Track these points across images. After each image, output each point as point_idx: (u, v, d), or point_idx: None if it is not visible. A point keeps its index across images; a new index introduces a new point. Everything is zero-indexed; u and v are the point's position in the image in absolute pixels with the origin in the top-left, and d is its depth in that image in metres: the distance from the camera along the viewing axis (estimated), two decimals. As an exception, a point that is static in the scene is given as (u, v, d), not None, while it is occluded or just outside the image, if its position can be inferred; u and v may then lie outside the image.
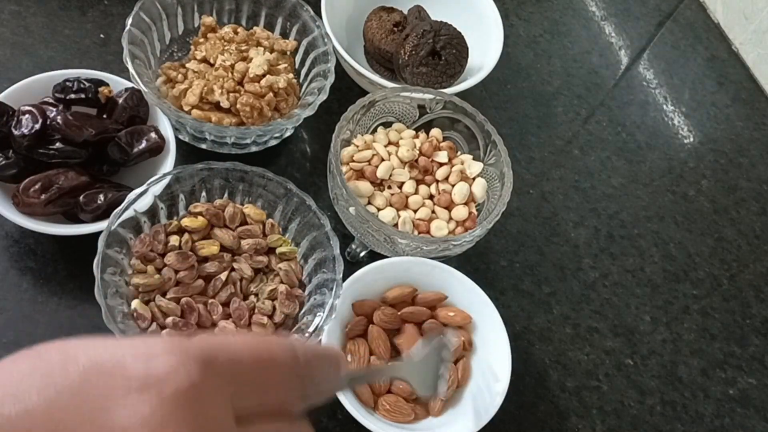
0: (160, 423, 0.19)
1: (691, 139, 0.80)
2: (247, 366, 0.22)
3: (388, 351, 0.52)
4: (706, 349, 0.64)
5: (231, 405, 0.21)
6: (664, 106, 0.82)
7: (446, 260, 0.55)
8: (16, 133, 0.51)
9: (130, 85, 0.57)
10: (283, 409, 0.24)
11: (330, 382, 0.27)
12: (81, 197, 0.51)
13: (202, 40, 0.62)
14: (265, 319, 0.50)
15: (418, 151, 0.60)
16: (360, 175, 0.59)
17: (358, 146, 0.60)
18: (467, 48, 0.68)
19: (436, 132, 0.63)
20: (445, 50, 0.66)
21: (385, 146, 0.60)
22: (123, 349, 0.21)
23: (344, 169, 0.58)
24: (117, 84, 0.57)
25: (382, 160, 0.59)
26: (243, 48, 0.61)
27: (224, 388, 0.21)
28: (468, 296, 0.54)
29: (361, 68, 0.64)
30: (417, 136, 0.62)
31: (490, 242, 0.64)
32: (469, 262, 0.62)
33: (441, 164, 0.60)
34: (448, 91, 0.64)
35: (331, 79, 0.59)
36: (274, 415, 0.24)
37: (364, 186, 0.58)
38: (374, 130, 0.62)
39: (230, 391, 0.21)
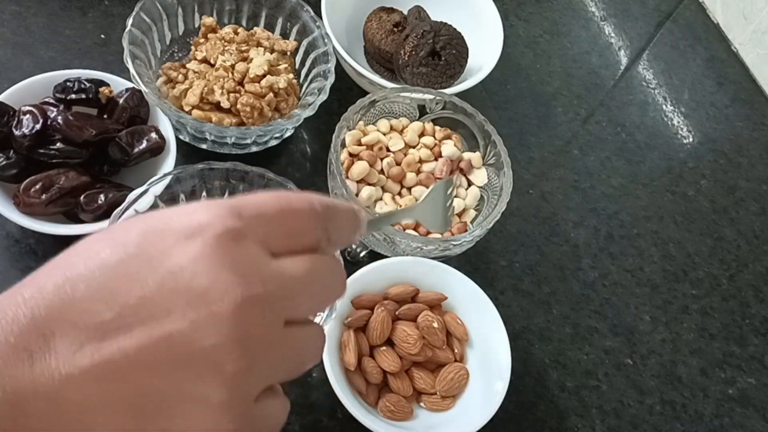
0: (207, 260, 0.24)
1: (691, 139, 0.80)
2: (271, 214, 0.26)
3: (384, 338, 0.52)
4: (705, 349, 0.64)
5: (263, 245, 0.25)
6: (664, 107, 0.83)
7: (446, 260, 0.55)
8: (17, 133, 0.51)
9: (130, 85, 0.57)
10: (311, 248, 0.27)
11: (348, 228, 0.30)
12: (82, 197, 0.51)
13: (202, 40, 0.62)
14: (266, 319, 0.50)
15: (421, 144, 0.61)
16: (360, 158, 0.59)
17: (364, 132, 0.60)
18: (467, 48, 0.68)
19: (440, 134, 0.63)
20: (444, 50, 0.66)
21: (386, 133, 0.61)
22: (169, 212, 0.26)
23: (343, 155, 0.58)
24: (117, 84, 0.57)
25: (388, 149, 0.60)
26: (243, 48, 0.61)
27: (255, 231, 0.25)
28: (468, 296, 0.55)
29: (361, 68, 0.64)
30: (423, 130, 0.62)
31: (490, 242, 0.64)
32: (469, 262, 0.62)
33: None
34: (448, 91, 0.64)
35: (331, 79, 0.60)
36: (304, 252, 0.27)
37: (364, 187, 0.58)
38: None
39: (261, 233, 0.25)
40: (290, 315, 0.26)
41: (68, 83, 0.55)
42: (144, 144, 0.55)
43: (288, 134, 0.64)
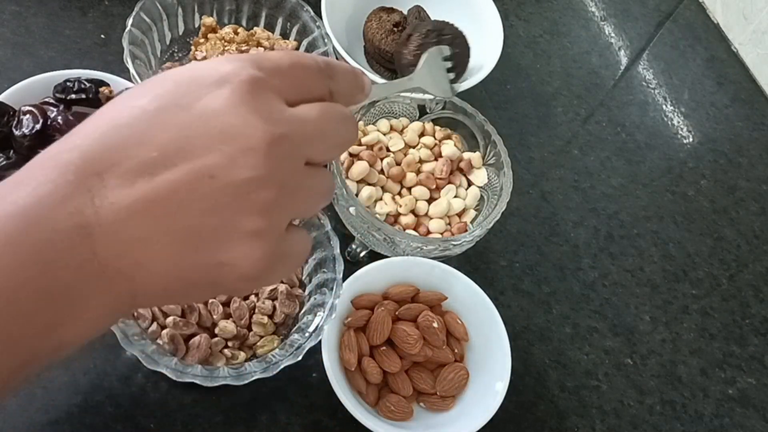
0: (236, 103, 0.27)
1: (691, 139, 0.80)
2: (285, 67, 0.29)
3: (384, 338, 0.52)
4: (705, 349, 0.64)
5: (280, 94, 0.28)
6: (664, 107, 0.83)
7: (446, 260, 0.55)
8: (17, 133, 0.51)
9: (130, 85, 0.57)
10: (320, 99, 0.31)
11: (351, 85, 0.33)
12: (82, 197, 0.51)
13: (202, 40, 0.62)
14: (266, 319, 0.50)
15: (421, 144, 0.61)
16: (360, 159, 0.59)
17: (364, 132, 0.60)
18: (469, 47, 0.68)
19: (439, 134, 0.63)
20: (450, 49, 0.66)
21: (386, 133, 0.61)
22: (196, 65, 0.29)
23: (343, 155, 0.58)
24: (117, 84, 0.57)
25: (388, 149, 0.59)
26: (243, 48, 0.61)
27: (273, 81, 0.28)
28: (468, 296, 0.55)
29: (361, 68, 0.64)
30: (423, 130, 0.62)
31: (490, 242, 0.64)
32: (469, 262, 0.62)
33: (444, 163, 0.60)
34: (448, 91, 0.64)
35: (332, 79, 0.60)
36: (316, 101, 0.30)
37: (364, 187, 0.58)
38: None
39: (277, 84, 0.28)
40: (309, 156, 0.29)
41: (68, 83, 0.55)
42: (144, 144, 0.54)
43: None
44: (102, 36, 0.66)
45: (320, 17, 0.64)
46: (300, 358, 0.46)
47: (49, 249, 0.25)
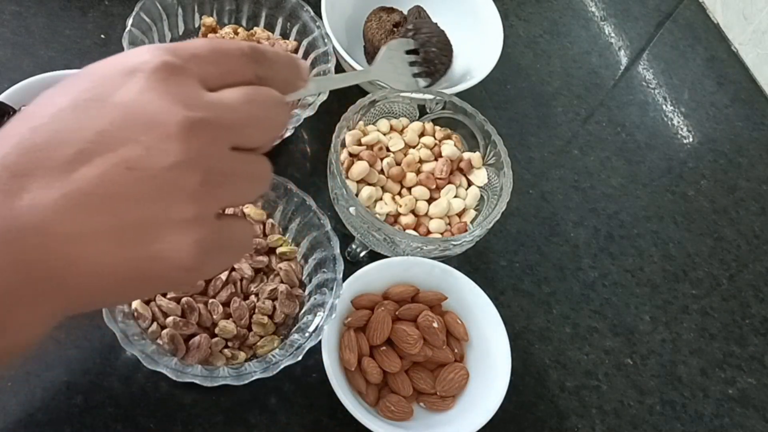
0: (149, 91, 0.26)
1: (691, 139, 0.80)
2: (204, 54, 0.28)
3: (384, 338, 0.52)
4: (705, 349, 0.65)
5: (200, 80, 0.28)
6: (664, 107, 0.83)
7: (446, 260, 0.55)
8: (16, 133, 0.51)
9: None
10: (246, 84, 0.30)
11: (284, 70, 0.32)
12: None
13: (202, 40, 0.62)
14: (266, 319, 0.50)
15: (421, 144, 0.61)
16: (360, 159, 0.59)
17: (364, 132, 0.60)
18: (450, 46, 0.67)
19: (439, 134, 0.63)
20: (423, 48, 0.65)
21: (386, 133, 0.61)
22: (112, 57, 0.29)
23: (343, 155, 0.58)
24: (117, 84, 0.57)
25: (388, 149, 0.60)
26: (243, 48, 0.61)
27: (189, 67, 0.28)
28: (468, 296, 0.55)
29: (361, 68, 0.64)
30: (423, 130, 0.62)
31: (490, 242, 0.64)
32: (469, 262, 0.62)
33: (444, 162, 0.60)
34: (448, 91, 0.64)
35: (331, 79, 0.60)
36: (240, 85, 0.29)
37: (364, 187, 0.58)
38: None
39: (196, 71, 0.28)
40: (235, 141, 0.28)
41: (68, 83, 0.55)
42: (144, 144, 0.54)
43: (288, 134, 0.64)
44: (102, 36, 0.66)
45: (320, 17, 0.64)
46: (300, 358, 0.46)
47: None
